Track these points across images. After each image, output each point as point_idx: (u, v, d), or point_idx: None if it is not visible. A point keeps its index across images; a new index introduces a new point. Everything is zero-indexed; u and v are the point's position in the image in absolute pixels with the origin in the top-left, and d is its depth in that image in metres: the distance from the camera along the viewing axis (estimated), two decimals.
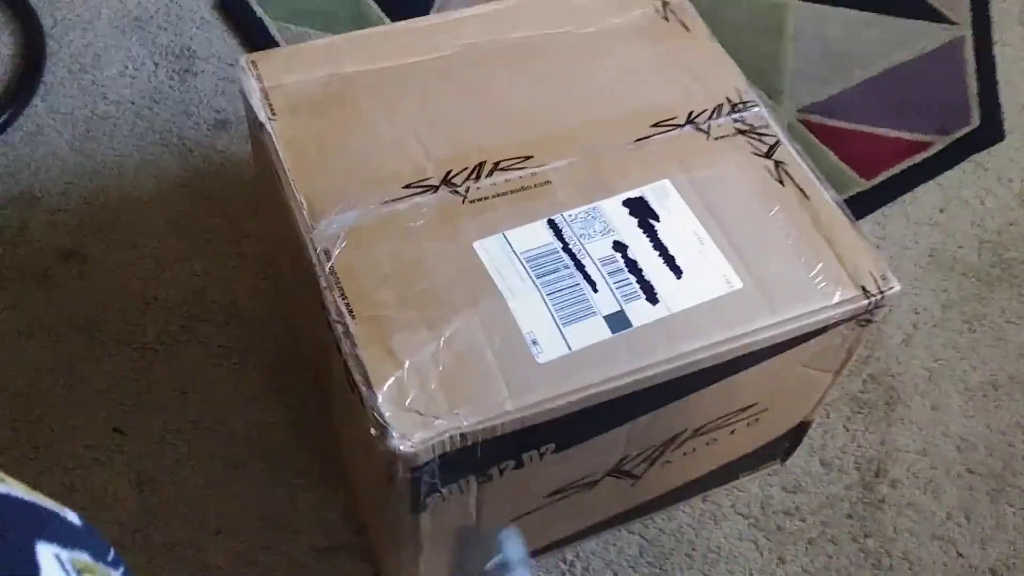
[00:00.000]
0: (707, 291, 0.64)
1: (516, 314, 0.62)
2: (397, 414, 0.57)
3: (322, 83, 0.71)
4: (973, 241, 0.97)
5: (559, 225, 0.66)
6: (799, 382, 0.71)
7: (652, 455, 0.70)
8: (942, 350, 0.90)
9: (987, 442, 0.86)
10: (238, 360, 0.84)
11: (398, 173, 0.67)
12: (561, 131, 0.70)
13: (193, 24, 1.05)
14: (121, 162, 0.94)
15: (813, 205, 0.68)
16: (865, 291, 0.65)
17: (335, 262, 0.63)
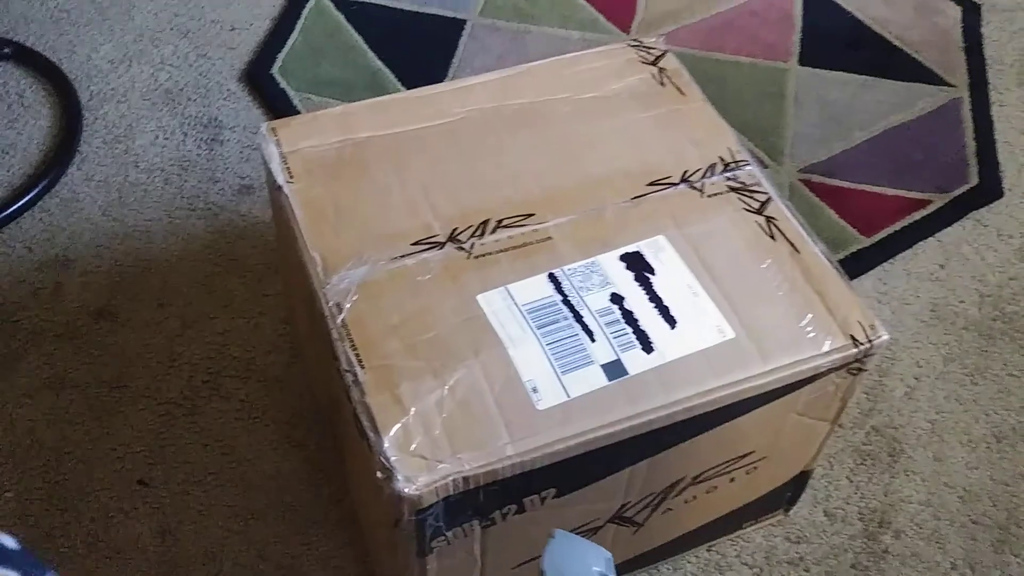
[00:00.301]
0: (700, 340, 0.66)
1: (517, 363, 0.65)
2: (403, 459, 0.60)
3: (337, 148, 0.76)
4: (974, 296, 0.99)
5: (559, 279, 0.69)
6: (796, 431, 0.73)
7: (653, 502, 0.72)
8: (945, 402, 0.92)
9: (991, 493, 0.86)
10: (257, 414, 0.87)
11: (407, 231, 0.71)
12: (562, 190, 0.74)
13: (220, 96, 1.11)
14: (150, 226, 0.99)
15: (803, 259, 0.71)
16: (854, 340, 0.67)
17: (346, 315, 0.66)
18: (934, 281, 1.00)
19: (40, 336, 0.92)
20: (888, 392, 0.92)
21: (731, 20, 1.24)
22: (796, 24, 1.24)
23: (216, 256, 0.97)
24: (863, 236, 1.02)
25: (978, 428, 0.90)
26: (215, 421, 0.87)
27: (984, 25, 1.25)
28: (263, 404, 0.88)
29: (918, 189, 1.06)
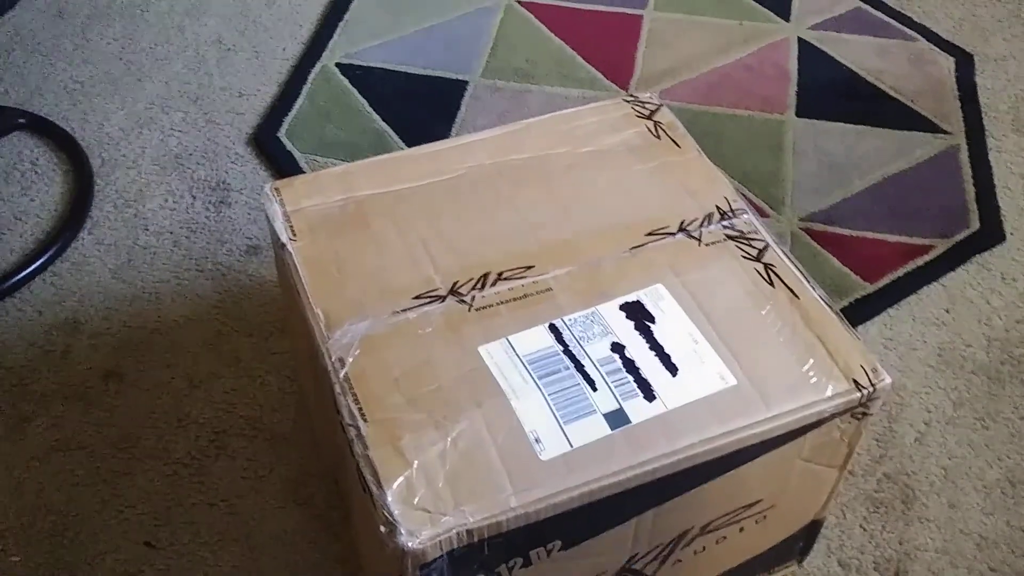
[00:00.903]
0: (702, 388, 0.66)
1: (519, 413, 0.65)
2: (406, 512, 0.60)
3: (339, 206, 0.77)
4: (981, 340, 0.99)
5: (559, 329, 0.69)
6: (804, 478, 0.72)
7: (662, 553, 0.71)
8: (956, 448, 0.91)
9: (1008, 539, 0.85)
10: (264, 472, 0.87)
11: (408, 286, 0.72)
12: (561, 242, 0.75)
13: (228, 159, 1.13)
14: (159, 288, 1.01)
15: (803, 304, 0.72)
16: (857, 384, 0.67)
17: (349, 369, 0.67)
18: (940, 326, 1.00)
19: (49, 399, 0.93)
20: (899, 438, 0.91)
21: (727, 75, 1.26)
22: (792, 77, 1.26)
23: (223, 316, 0.98)
24: (867, 283, 1.02)
25: (992, 473, 0.89)
26: (221, 480, 0.87)
27: (978, 74, 1.27)
28: (269, 462, 0.88)
29: (920, 235, 1.07)
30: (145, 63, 1.26)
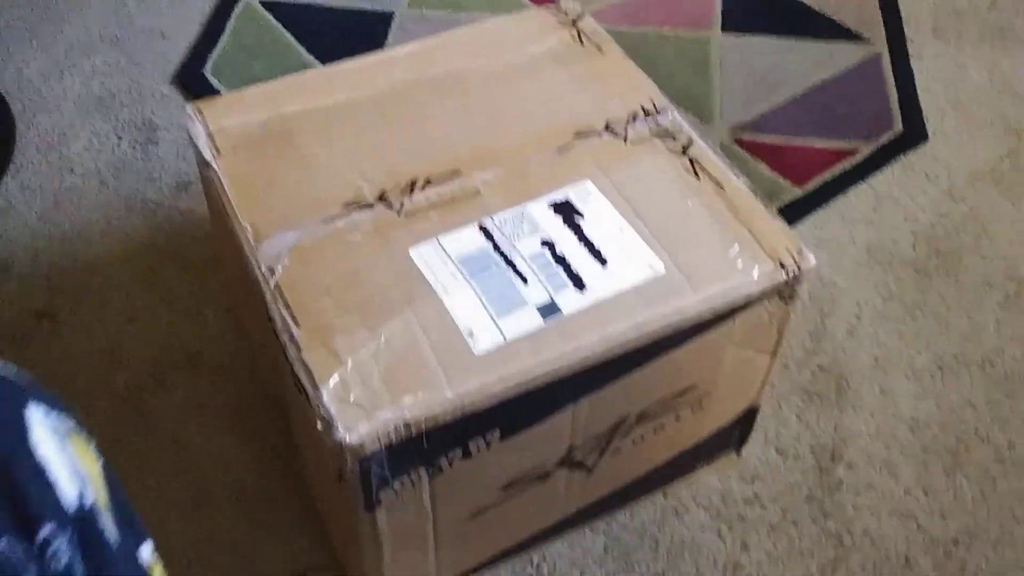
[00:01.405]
0: (631, 277, 0.67)
1: (451, 310, 0.65)
2: (342, 409, 0.60)
3: (263, 123, 0.76)
4: (908, 235, 1.01)
5: (489, 229, 0.70)
6: (736, 364, 0.74)
7: (601, 443, 0.72)
8: (887, 338, 0.93)
9: (938, 420, 0.88)
10: (205, 402, 0.87)
11: (336, 196, 0.72)
12: (488, 148, 0.75)
13: (153, 99, 1.11)
14: (89, 228, 0.99)
15: (728, 194, 0.73)
16: (782, 266, 0.68)
17: (279, 278, 0.66)
18: (868, 224, 1.02)
19: None
20: (831, 332, 0.94)
21: None
22: None
23: (156, 252, 0.97)
24: (797, 187, 1.04)
25: (921, 360, 0.92)
26: (163, 413, 0.86)
27: None
28: (210, 392, 0.88)
29: (846, 139, 1.09)
30: (62, 8, 1.23)
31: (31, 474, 0.32)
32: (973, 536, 0.81)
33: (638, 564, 0.79)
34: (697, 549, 0.80)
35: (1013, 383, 0.91)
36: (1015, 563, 0.80)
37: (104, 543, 0.34)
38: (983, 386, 0.90)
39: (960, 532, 0.81)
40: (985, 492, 0.84)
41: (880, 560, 0.80)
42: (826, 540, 0.81)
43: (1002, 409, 0.89)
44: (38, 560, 0.31)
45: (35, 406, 0.34)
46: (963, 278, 0.98)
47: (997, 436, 0.87)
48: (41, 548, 0.31)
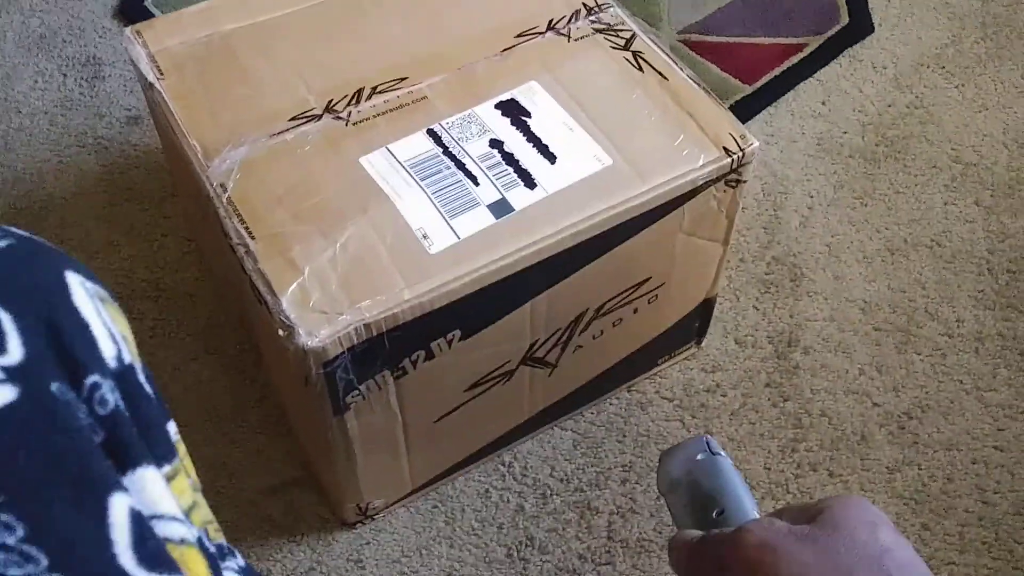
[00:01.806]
0: (580, 171, 0.68)
1: (405, 214, 0.66)
2: (302, 315, 0.61)
3: (204, 42, 0.76)
4: (856, 126, 1.03)
5: (438, 133, 0.70)
6: (689, 253, 0.76)
7: (562, 339, 0.74)
8: (838, 226, 0.96)
9: (889, 301, 0.91)
10: (172, 330, 0.88)
11: (283, 109, 0.72)
12: (432, 53, 0.75)
13: (96, 33, 1.09)
14: (41, 167, 0.98)
15: (672, 85, 0.74)
16: (727, 151, 0.70)
17: (231, 192, 0.67)
18: (817, 117, 1.03)
19: None
20: (784, 224, 0.95)
21: None
22: None
23: (112, 187, 0.97)
24: (746, 85, 1.05)
25: (872, 244, 0.94)
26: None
27: None
28: (177, 319, 0.88)
29: (793, 35, 1.09)
30: None
31: (76, 329, 0.33)
32: (925, 408, 0.85)
33: (606, 456, 0.82)
34: (663, 438, 0.82)
35: (960, 261, 0.93)
36: (964, 430, 0.83)
37: (145, 395, 0.36)
38: (932, 266, 0.93)
39: (912, 406, 0.85)
40: (935, 366, 0.87)
41: (837, 437, 0.83)
42: (785, 422, 0.84)
43: (950, 287, 0.92)
44: (87, 403, 0.33)
45: (73, 272, 0.35)
46: (911, 164, 1.00)
47: (946, 313, 0.90)
48: (89, 395, 0.33)
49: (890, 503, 0.79)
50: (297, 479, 0.80)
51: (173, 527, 0.34)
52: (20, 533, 0.29)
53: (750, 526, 0.44)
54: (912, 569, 0.41)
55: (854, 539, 0.42)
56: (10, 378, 0.31)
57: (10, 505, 0.29)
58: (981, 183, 0.99)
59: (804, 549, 0.42)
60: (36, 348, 0.32)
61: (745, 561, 0.42)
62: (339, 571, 0.76)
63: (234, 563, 0.41)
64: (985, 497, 0.80)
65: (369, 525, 0.78)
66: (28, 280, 0.34)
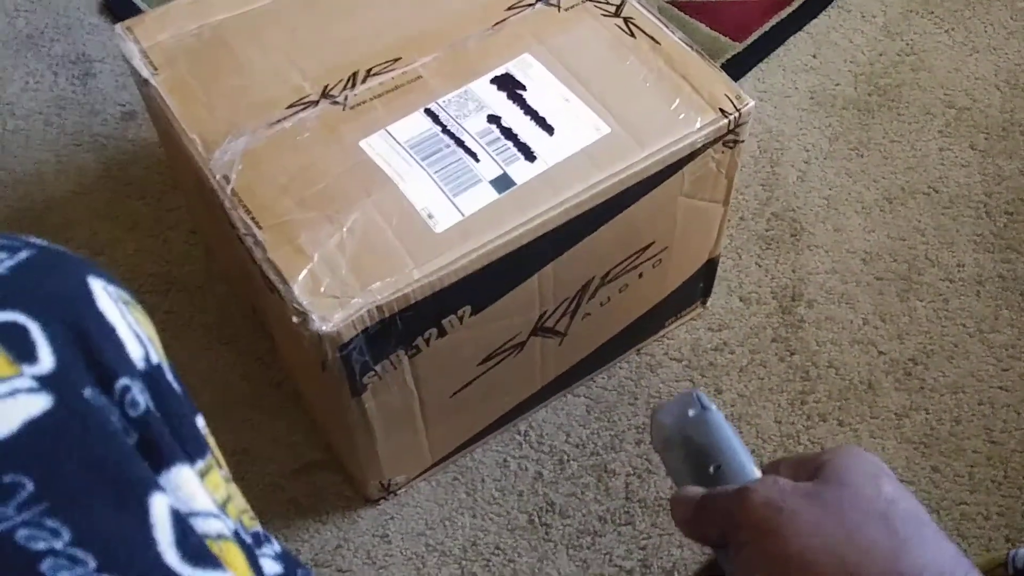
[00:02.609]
0: (579, 141, 0.69)
1: (409, 195, 0.67)
2: (315, 300, 0.62)
3: (195, 34, 0.76)
4: (849, 77, 1.03)
5: (435, 112, 0.71)
6: (690, 216, 0.76)
7: (569, 308, 0.75)
8: (835, 178, 0.96)
9: (889, 250, 0.92)
10: (184, 322, 0.89)
11: (279, 97, 0.72)
12: (423, 32, 0.76)
13: (83, 30, 1.09)
14: (40, 169, 0.98)
15: (664, 49, 0.74)
16: (723, 112, 0.70)
17: (235, 184, 0.67)
18: (809, 71, 1.04)
19: None
20: (782, 180, 0.96)
21: None
22: None
23: (112, 184, 0.97)
24: (736, 42, 1.05)
25: (869, 195, 0.95)
26: None
27: None
28: (187, 312, 0.89)
29: None
30: None
31: (102, 334, 0.34)
32: (929, 354, 0.86)
33: (620, 419, 0.83)
34: None
35: (958, 206, 0.94)
36: (969, 373, 0.85)
37: (174, 394, 0.36)
38: (930, 212, 0.94)
39: (917, 352, 0.86)
40: (938, 311, 0.88)
41: (845, 387, 0.84)
42: (793, 375, 0.85)
43: (949, 232, 0.92)
44: (118, 406, 0.33)
45: (95, 277, 0.36)
46: (904, 112, 1.01)
47: (946, 258, 0.91)
48: (120, 398, 0.34)
49: (900, 448, 0.81)
50: (319, 461, 0.82)
51: (210, 523, 0.35)
52: (67, 537, 0.30)
53: (755, 485, 0.44)
54: (916, 519, 0.41)
55: (859, 493, 0.42)
56: (44, 387, 0.31)
57: (55, 510, 0.30)
58: (975, 126, 1.00)
59: (811, 507, 0.41)
60: (66, 355, 0.33)
61: (753, 521, 0.42)
62: (366, 547, 0.77)
63: (270, 549, 0.43)
64: (993, 437, 0.81)
65: (392, 501, 0.79)
66: (53, 289, 0.34)
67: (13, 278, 0.33)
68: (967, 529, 0.77)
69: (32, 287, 0.34)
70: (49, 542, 0.30)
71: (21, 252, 0.35)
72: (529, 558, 0.77)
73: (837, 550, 0.39)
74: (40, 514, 0.30)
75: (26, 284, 0.34)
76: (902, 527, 0.40)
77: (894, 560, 0.39)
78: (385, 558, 0.77)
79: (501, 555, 0.77)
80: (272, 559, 0.42)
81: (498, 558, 0.77)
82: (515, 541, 0.77)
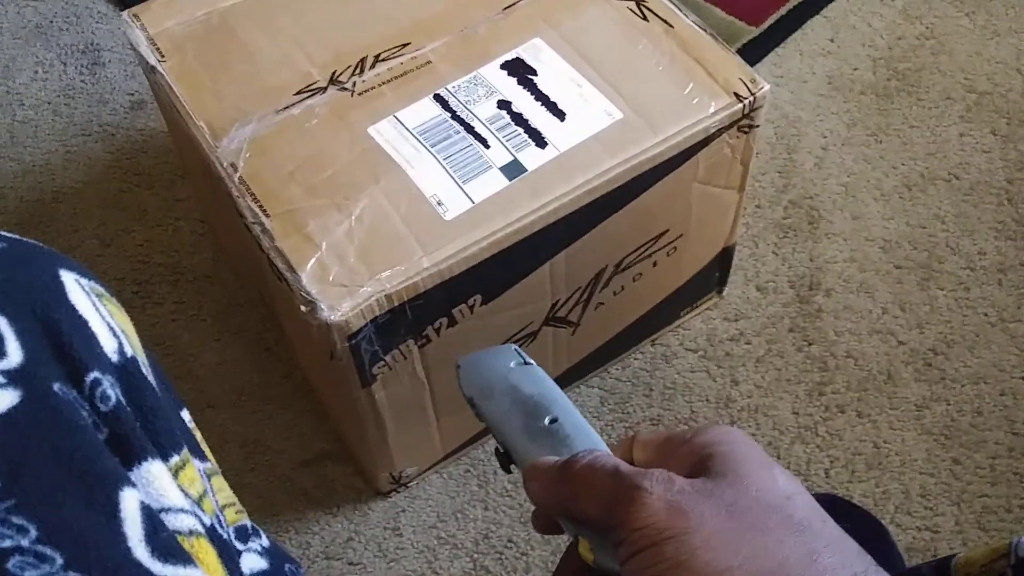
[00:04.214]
0: (591, 126, 0.68)
1: (418, 182, 0.66)
2: (323, 289, 0.61)
3: (202, 21, 0.75)
4: (867, 61, 1.01)
5: (444, 97, 0.69)
6: (705, 202, 0.75)
7: (583, 297, 0.74)
8: (854, 165, 0.94)
9: (909, 238, 0.90)
10: (193, 312, 0.88)
11: (287, 83, 0.71)
12: (432, 16, 0.74)
13: (92, 19, 1.08)
14: (49, 159, 0.98)
15: (678, 33, 0.72)
16: (738, 96, 0.69)
17: (242, 172, 0.66)
18: (827, 55, 1.02)
19: None
20: (799, 166, 0.94)
21: None
22: None
23: (121, 174, 0.97)
24: (752, 26, 1.03)
25: (888, 182, 0.93)
26: (152, 326, 0.87)
27: None
28: (197, 301, 0.89)
29: None
30: None
31: (73, 327, 0.33)
32: (950, 344, 0.84)
33: (634, 411, 0.82)
34: (689, 389, 0.83)
35: (979, 193, 0.92)
36: (991, 363, 0.83)
37: (148, 388, 0.36)
38: (951, 199, 0.92)
39: (938, 341, 0.84)
40: (959, 300, 0.86)
41: (864, 378, 0.83)
42: (811, 365, 0.83)
43: (970, 220, 0.91)
44: (88, 401, 0.33)
45: (67, 270, 0.35)
46: (924, 96, 0.98)
47: (967, 246, 0.89)
48: (90, 392, 0.33)
49: (920, 440, 0.79)
50: (329, 451, 0.81)
51: (181, 519, 0.35)
52: (33, 534, 0.29)
53: (647, 484, 0.37)
54: (817, 515, 0.37)
55: (759, 489, 0.37)
56: (11, 382, 0.31)
57: (21, 508, 0.30)
58: (996, 111, 0.98)
59: (715, 511, 0.36)
60: (35, 349, 0.32)
61: (652, 525, 0.36)
62: (377, 540, 0.76)
63: (257, 544, 0.42)
64: (1015, 428, 0.80)
65: (403, 493, 0.79)
66: (23, 281, 0.34)
67: None
68: (988, 522, 0.76)
69: (1, 281, 0.33)
70: (15, 539, 0.29)
71: None
72: (542, 551, 0.76)
73: (752, 562, 0.36)
74: (6, 511, 0.29)
75: None
76: (808, 527, 0.36)
77: (809, 565, 0.35)
78: (396, 551, 0.76)
79: (514, 548, 0.76)
80: (257, 554, 0.41)
81: (511, 551, 0.76)
82: (528, 534, 0.76)
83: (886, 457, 0.79)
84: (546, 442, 0.44)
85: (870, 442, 0.79)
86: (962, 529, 0.75)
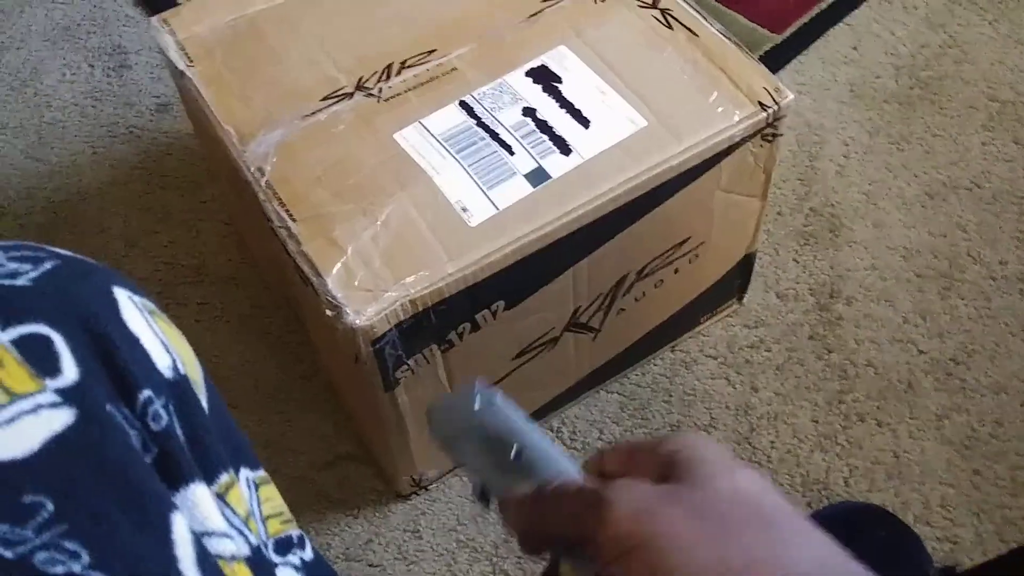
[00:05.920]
0: (615, 134, 0.68)
1: (443, 188, 0.66)
2: (349, 294, 0.62)
3: (230, 26, 0.76)
4: (889, 69, 1.01)
5: (470, 104, 0.70)
6: (727, 210, 0.75)
7: (604, 303, 0.74)
8: (875, 173, 0.94)
9: (930, 247, 0.90)
10: (216, 313, 0.89)
11: (314, 89, 0.72)
12: (458, 22, 0.75)
13: (119, 23, 1.10)
14: (76, 160, 0.99)
15: (703, 41, 0.73)
16: (762, 105, 0.69)
17: (269, 176, 0.67)
18: (849, 63, 1.02)
19: None
20: (820, 174, 0.94)
21: None
22: None
23: (147, 175, 0.98)
24: (775, 34, 1.03)
25: (910, 190, 0.93)
26: (179, 328, 0.88)
27: None
28: (220, 303, 0.89)
29: None
30: None
31: (127, 345, 0.33)
32: (971, 353, 0.84)
33: (653, 417, 0.82)
34: (709, 396, 0.83)
35: (1001, 202, 0.92)
36: (1012, 374, 0.83)
37: (198, 406, 0.36)
38: (972, 208, 0.92)
39: (958, 351, 0.84)
40: (980, 310, 0.86)
41: (884, 387, 0.83)
42: (831, 374, 0.83)
43: (992, 229, 0.90)
44: (140, 419, 0.33)
45: (120, 287, 0.35)
46: (946, 105, 0.98)
47: (988, 255, 0.89)
48: (142, 411, 0.33)
49: (940, 450, 0.79)
50: (350, 454, 0.81)
51: (223, 544, 0.35)
52: (86, 559, 0.29)
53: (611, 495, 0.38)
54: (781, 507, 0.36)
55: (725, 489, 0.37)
56: (67, 400, 0.31)
57: (73, 533, 0.29)
58: (1019, 120, 0.97)
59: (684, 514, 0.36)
60: (90, 367, 0.32)
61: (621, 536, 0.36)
62: (397, 542, 0.77)
63: (297, 557, 0.42)
64: None
65: (424, 496, 0.79)
66: (77, 299, 0.34)
67: (37, 289, 0.33)
68: (1009, 534, 0.76)
69: (56, 297, 0.33)
70: (67, 565, 0.29)
71: (45, 263, 0.34)
72: None
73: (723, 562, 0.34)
74: (59, 536, 0.29)
75: (50, 295, 0.33)
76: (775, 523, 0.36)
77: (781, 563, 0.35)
78: (416, 553, 0.77)
79: None
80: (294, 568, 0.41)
81: None
82: None
83: (906, 467, 0.79)
84: (516, 475, 0.45)
85: (890, 451, 0.79)
86: (982, 540, 0.75)
